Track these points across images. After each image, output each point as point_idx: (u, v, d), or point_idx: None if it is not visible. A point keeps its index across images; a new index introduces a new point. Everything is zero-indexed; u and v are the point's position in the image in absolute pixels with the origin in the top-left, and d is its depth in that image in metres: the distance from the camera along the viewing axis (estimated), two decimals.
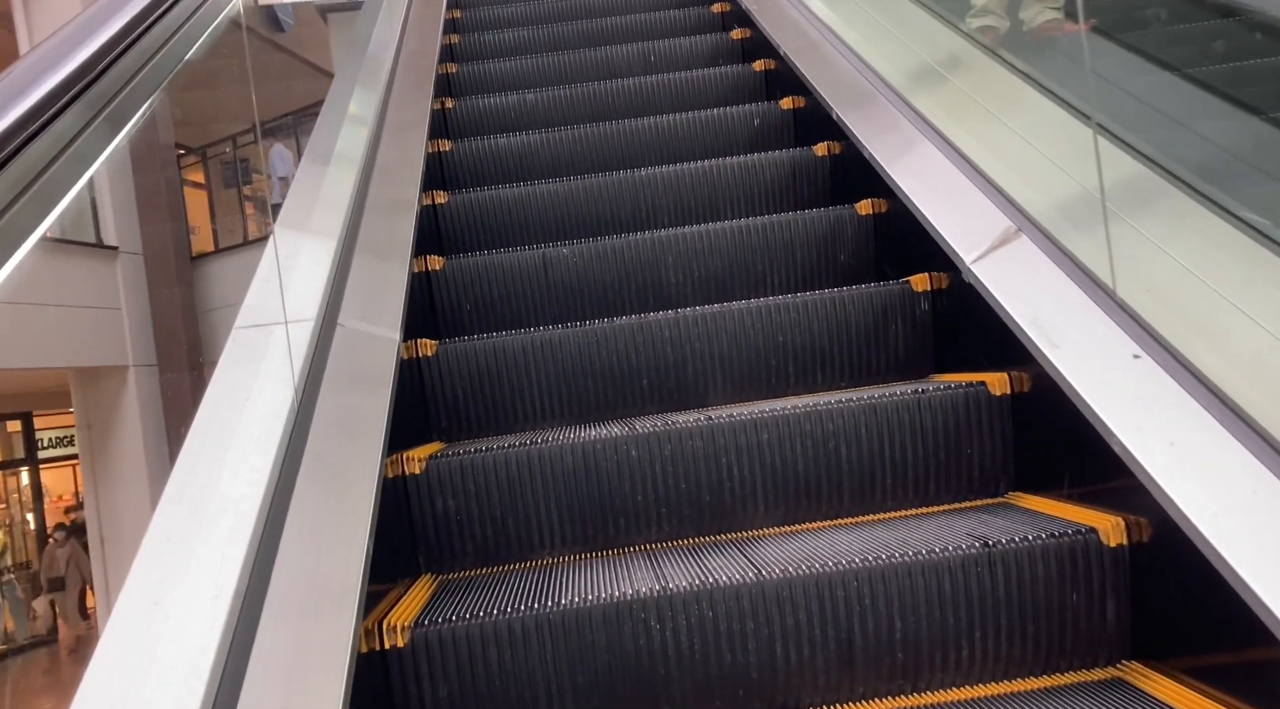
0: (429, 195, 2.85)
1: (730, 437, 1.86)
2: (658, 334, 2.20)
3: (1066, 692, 1.44)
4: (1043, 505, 1.71)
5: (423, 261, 2.46)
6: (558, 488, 1.85)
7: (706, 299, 2.49)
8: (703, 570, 1.58)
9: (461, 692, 1.48)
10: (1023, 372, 1.79)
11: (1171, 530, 1.32)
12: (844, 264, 2.54)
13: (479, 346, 2.16)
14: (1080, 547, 1.49)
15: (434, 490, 1.82)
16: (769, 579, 1.49)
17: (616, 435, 1.86)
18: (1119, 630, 1.50)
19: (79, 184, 1.24)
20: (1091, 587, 1.49)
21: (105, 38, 1.34)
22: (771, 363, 2.21)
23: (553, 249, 2.52)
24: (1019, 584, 1.49)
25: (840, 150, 2.85)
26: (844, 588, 1.49)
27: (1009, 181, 2.05)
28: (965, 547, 1.49)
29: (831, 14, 3.37)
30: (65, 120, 1.21)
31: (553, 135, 3.27)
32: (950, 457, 1.84)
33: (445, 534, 1.83)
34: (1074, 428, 1.56)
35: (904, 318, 2.19)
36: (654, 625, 1.49)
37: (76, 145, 1.25)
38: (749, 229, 2.55)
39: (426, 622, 1.48)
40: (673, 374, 2.21)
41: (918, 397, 1.84)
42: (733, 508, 1.87)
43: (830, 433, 1.85)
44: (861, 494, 1.86)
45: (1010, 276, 1.85)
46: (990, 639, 1.49)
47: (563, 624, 1.49)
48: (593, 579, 1.63)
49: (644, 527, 1.87)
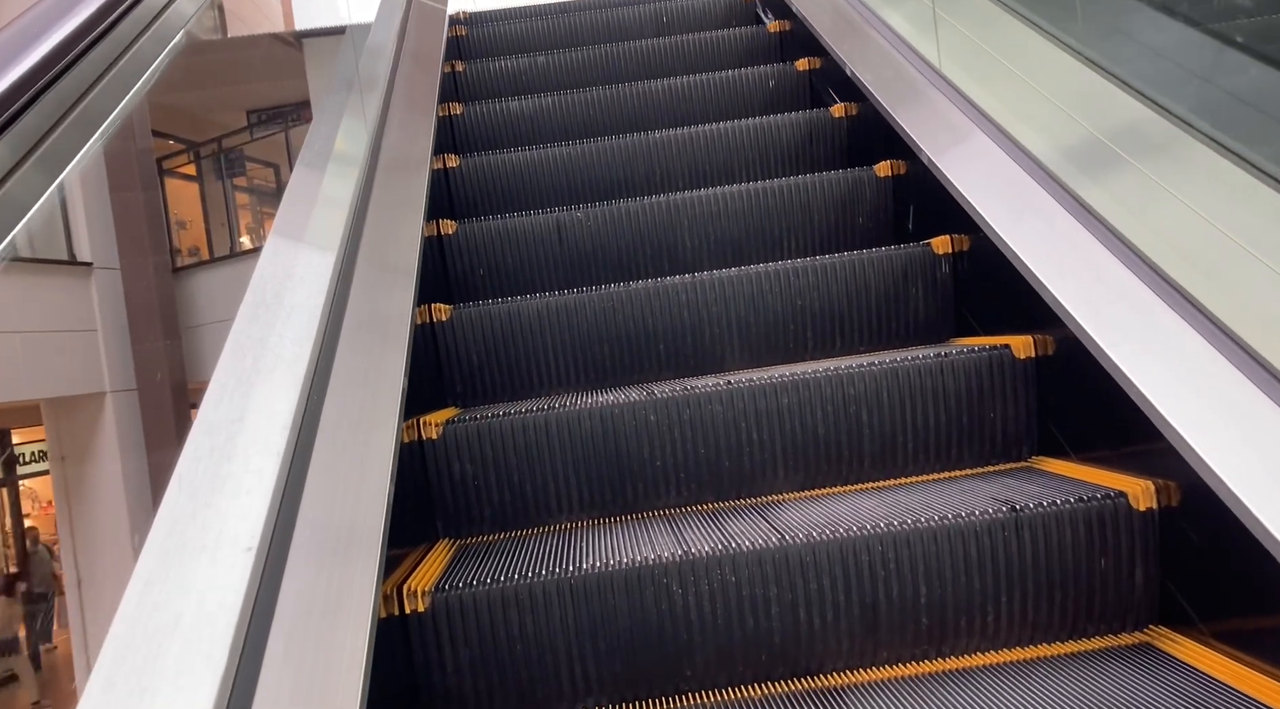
0: (440, 159, 2.81)
1: (750, 401, 1.83)
2: (674, 298, 2.18)
3: (1093, 656, 1.42)
4: (1068, 469, 1.68)
5: (435, 226, 2.43)
6: (575, 453, 1.84)
7: (723, 263, 2.46)
8: (724, 535, 1.56)
9: (483, 656, 1.47)
10: (1047, 334, 1.76)
11: (1203, 494, 1.30)
12: (863, 227, 2.51)
13: (493, 311, 2.14)
14: (1109, 511, 1.46)
15: (451, 455, 1.81)
16: (792, 544, 1.48)
17: (634, 400, 1.84)
18: (1147, 595, 1.48)
19: (45, 194, 1.16)
20: (1120, 551, 1.47)
21: (73, 25, 1.25)
22: (790, 327, 2.19)
23: (566, 213, 2.49)
24: (1046, 549, 1.47)
25: (858, 111, 2.81)
26: (868, 553, 1.47)
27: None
28: (991, 511, 1.47)
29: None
30: (26, 120, 1.13)
31: (565, 98, 3.22)
32: (973, 420, 1.82)
33: (463, 499, 1.82)
34: (1101, 390, 1.53)
35: (925, 281, 2.15)
36: (676, 590, 1.48)
37: (41, 150, 1.18)
38: (765, 191, 2.51)
39: (447, 586, 1.47)
40: (689, 339, 2.18)
41: (940, 360, 1.81)
42: (753, 473, 1.85)
43: (851, 397, 1.83)
44: (883, 459, 1.84)
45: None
46: (1016, 604, 1.48)
47: (584, 589, 1.47)
48: (613, 544, 1.62)
49: (663, 491, 1.85)
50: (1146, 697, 1.26)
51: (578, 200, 2.78)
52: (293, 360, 1.56)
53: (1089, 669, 1.38)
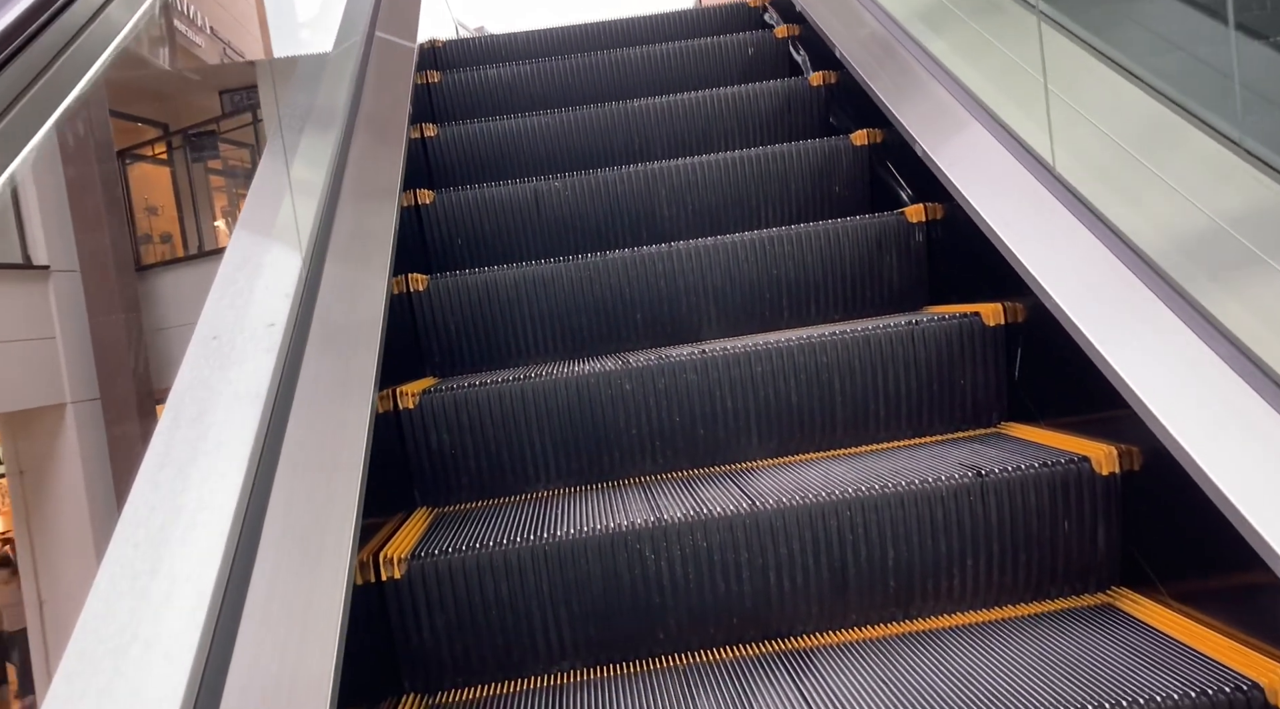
0: (418, 128, 2.80)
1: (724, 370, 1.85)
2: (651, 268, 2.19)
3: (1057, 617, 1.46)
4: (1036, 435, 1.71)
5: (412, 196, 2.43)
6: (552, 422, 1.85)
7: (700, 232, 2.47)
8: (697, 501, 1.58)
9: (459, 622, 1.49)
10: (1018, 302, 1.78)
11: (1164, 458, 1.33)
12: (839, 195, 2.52)
13: (471, 281, 2.14)
14: (1073, 475, 1.49)
15: (428, 425, 1.82)
16: (763, 509, 1.50)
17: (610, 369, 1.85)
18: (1109, 557, 1.51)
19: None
20: (1083, 514, 1.50)
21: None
22: (766, 296, 2.20)
23: (544, 182, 2.49)
24: (1011, 513, 1.50)
25: (836, 80, 2.81)
26: (837, 517, 1.50)
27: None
28: (958, 476, 1.50)
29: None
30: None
31: (543, 65, 3.21)
32: (944, 387, 1.84)
33: (440, 468, 1.84)
34: (1068, 357, 1.56)
35: (899, 249, 2.17)
36: (649, 555, 1.50)
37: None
38: (743, 161, 2.51)
39: (423, 554, 1.49)
40: (667, 308, 2.20)
41: (911, 328, 1.83)
42: (727, 440, 1.87)
43: (824, 365, 1.85)
44: (855, 426, 1.86)
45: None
46: (982, 567, 1.51)
47: (558, 555, 1.50)
48: (588, 511, 1.64)
49: (638, 459, 1.87)
50: (1107, 656, 1.29)
51: (556, 170, 2.77)
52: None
53: (1052, 630, 1.41)
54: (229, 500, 1.22)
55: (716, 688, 1.37)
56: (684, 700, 1.35)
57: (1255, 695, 1.14)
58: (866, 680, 1.31)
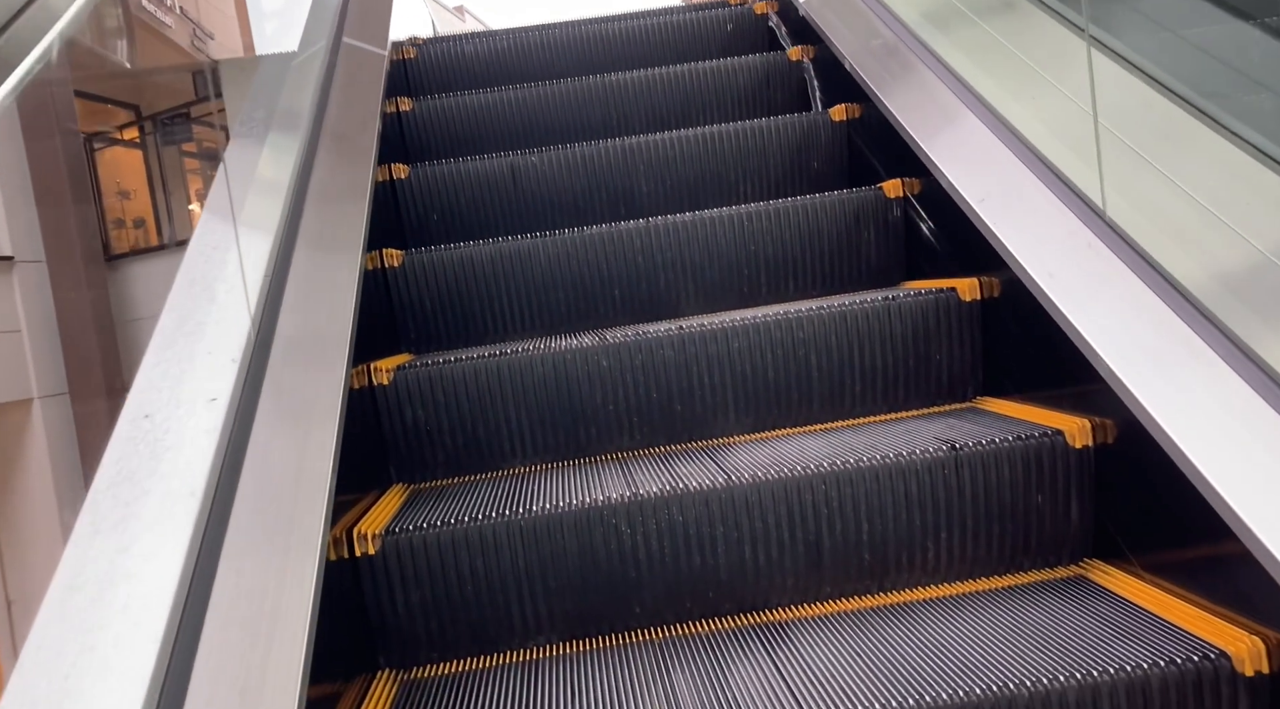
0: (393, 102, 2.77)
1: (701, 345, 1.85)
2: (629, 244, 2.17)
3: (1029, 590, 1.47)
4: (1011, 409, 1.72)
5: (387, 170, 2.41)
6: (528, 398, 1.84)
7: (679, 208, 2.46)
8: (673, 476, 1.58)
9: (433, 597, 1.49)
10: (993, 276, 1.78)
11: (1137, 431, 1.33)
12: (818, 171, 2.51)
13: (446, 257, 2.13)
14: (1046, 448, 1.50)
15: (403, 401, 1.81)
16: (738, 484, 1.50)
17: (587, 345, 1.84)
18: (1082, 530, 1.52)
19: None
20: (1056, 487, 1.51)
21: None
22: (744, 272, 2.20)
23: (521, 157, 2.47)
24: (985, 486, 1.50)
25: (815, 54, 2.79)
26: (812, 492, 1.50)
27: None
28: (932, 450, 1.50)
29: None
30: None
31: (521, 38, 3.17)
32: (920, 363, 1.85)
33: (416, 444, 1.83)
34: (1043, 331, 1.56)
35: (876, 224, 2.16)
36: (624, 530, 1.50)
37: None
38: (722, 136, 2.50)
39: (397, 529, 1.48)
40: (644, 284, 2.19)
41: (888, 304, 1.83)
42: (704, 416, 1.87)
43: (801, 341, 1.85)
44: (831, 401, 1.86)
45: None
46: (956, 540, 1.51)
47: (534, 530, 1.49)
48: (564, 486, 1.63)
49: (615, 435, 1.87)
50: (1078, 627, 1.30)
51: (533, 143, 2.75)
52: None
53: (1024, 601, 1.42)
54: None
55: (692, 661, 1.37)
56: (659, 674, 1.35)
57: (1223, 664, 1.15)
58: (840, 652, 1.32)
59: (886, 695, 1.17)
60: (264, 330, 1.50)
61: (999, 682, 1.16)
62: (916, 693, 1.16)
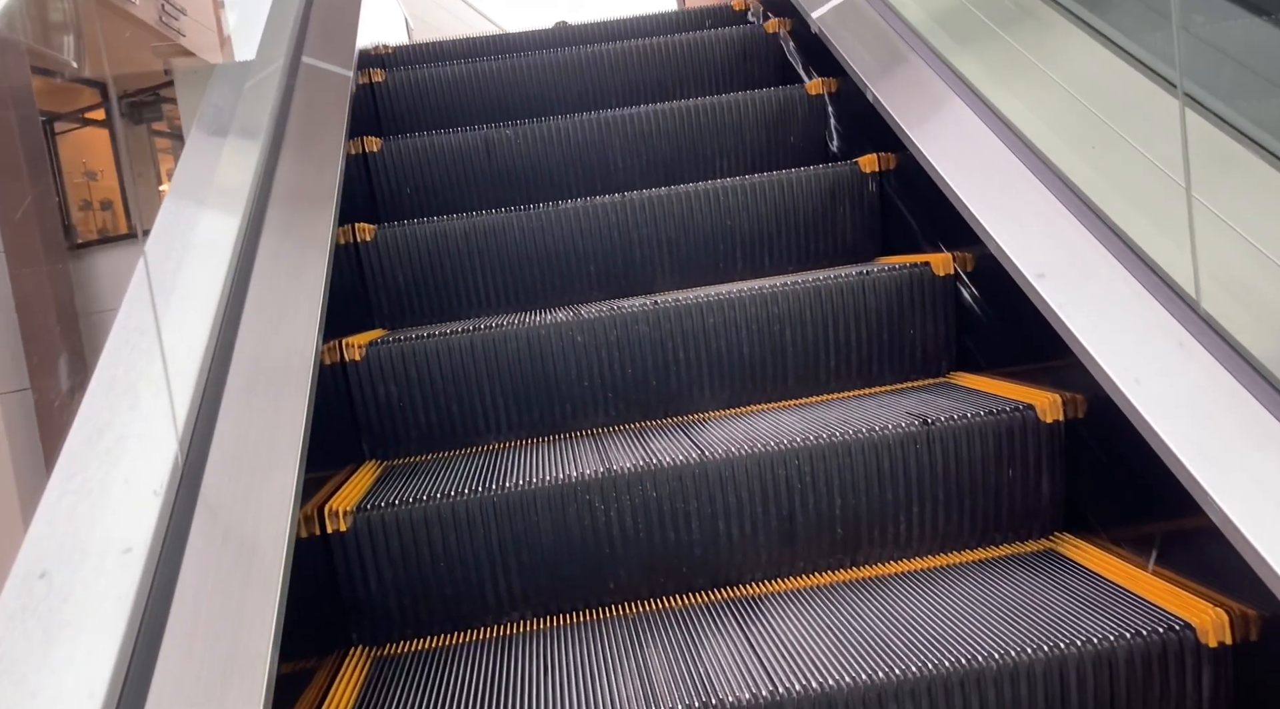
0: (365, 74, 2.73)
1: (676, 321, 1.84)
2: (604, 219, 2.16)
3: (1000, 563, 1.48)
4: (984, 384, 1.72)
5: (359, 143, 2.37)
6: (503, 374, 1.83)
7: (654, 182, 2.44)
8: (647, 452, 1.58)
9: (406, 574, 1.48)
10: (967, 252, 1.78)
11: (1107, 406, 1.34)
12: (794, 146, 2.50)
13: (419, 231, 2.11)
14: (1017, 423, 1.51)
15: (375, 377, 1.79)
16: (711, 459, 1.50)
17: (562, 321, 1.83)
18: (1053, 503, 1.53)
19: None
20: (1027, 462, 1.52)
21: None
22: (720, 247, 2.19)
23: (496, 130, 2.44)
24: (956, 460, 1.51)
25: (792, 26, 2.77)
26: (785, 467, 1.50)
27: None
28: (905, 425, 1.51)
29: None
30: None
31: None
32: (894, 338, 1.85)
33: (389, 421, 1.81)
34: (1016, 306, 1.56)
35: (852, 199, 2.16)
36: (598, 506, 1.50)
37: None
38: (698, 110, 2.48)
39: (369, 506, 1.48)
40: (620, 259, 2.17)
41: (862, 279, 1.83)
42: (679, 392, 1.87)
43: (775, 316, 1.84)
44: (806, 376, 1.86)
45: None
46: (927, 514, 1.52)
47: (507, 506, 1.49)
48: (538, 463, 1.63)
49: (590, 411, 1.86)
50: (1047, 600, 1.32)
51: (508, 117, 2.72)
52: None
53: (994, 575, 1.44)
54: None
55: (665, 636, 1.37)
56: (633, 648, 1.35)
57: (1187, 635, 1.17)
58: (812, 626, 1.32)
59: (856, 668, 1.18)
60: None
61: (968, 654, 1.17)
62: (886, 666, 1.17)
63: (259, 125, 1.99)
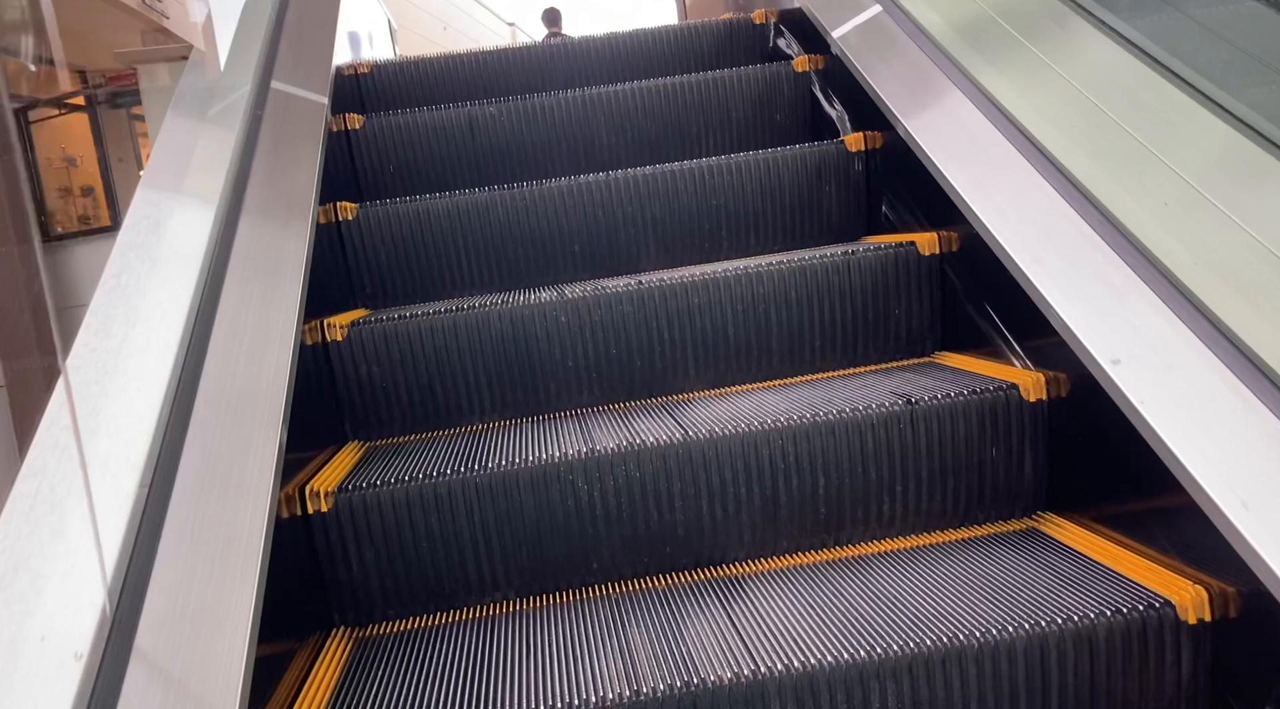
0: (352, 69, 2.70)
1: (661, 301, 1.83)
2: (589, 198, 2.14)
3: (983, 542, 1.48)
4: (968, 364, 1.72)
5: (341, 120, 2.35)
6: (486, 354, 1.82)
7: (640, 161, 2.42)
8: (631, 432, 1.57)
9: (389, 554, 1.47)
10: (952, 231, 1.77)
11: (1090, 385, 1.34)
12: (780, 124, 2.48)
13: (402, 210, 2.09)
14: (1001, 402, 1.51)
15: (357, 357, 1.78)
16: (695, 439, 1.50)
17: (545, 301, 1.82)
18: (1036, 483, 1.54)
19: None
20: (1010, 441, 1.52)
21: None
22: (705, 227, 2.17)
23: (479, 108, 2.42)
24: (940, 440, 1.51)
25: None
26: (769, 447, 1.50)
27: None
28: (888, 404, 1.51)
29: None
30: None
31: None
32: (879, 317, 1.84)
33: (371, 401, 1.80)
34: (1000, 285, 1.56)
35: (838, 178, 2.15)
36: (581, 486, 1.49)
37: None
38: (684, 87, 2.46)
39: (350, 487, 1.47)
40: (604, 239, 2.16)
41: (847, 258, 1.82)
42: (663, 372, 1.86)
43: (760, 296, 1.83)
44: (791, 356, 1.86)
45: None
46: (911, 493, 1.52)
47: (489, 487, 1.48)
48: (521, 443, 1.62)
49: (575, 392, 1.85)
50: (1029, 578, 1.32)
51: (492, 94, 2.70)
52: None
53: (978, 554, 1.44)
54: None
55: (648, 615, 1.37)
56: (616, 628, 1.35)
57: (1167, 612, 1.17)
58: (794, 605, 1.32)
59: (839, 647, 1.18)
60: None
61: (949, 633, 1.18)
62: (869, 644, 1.17)
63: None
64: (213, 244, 1.58)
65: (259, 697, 1.08)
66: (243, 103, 1.96)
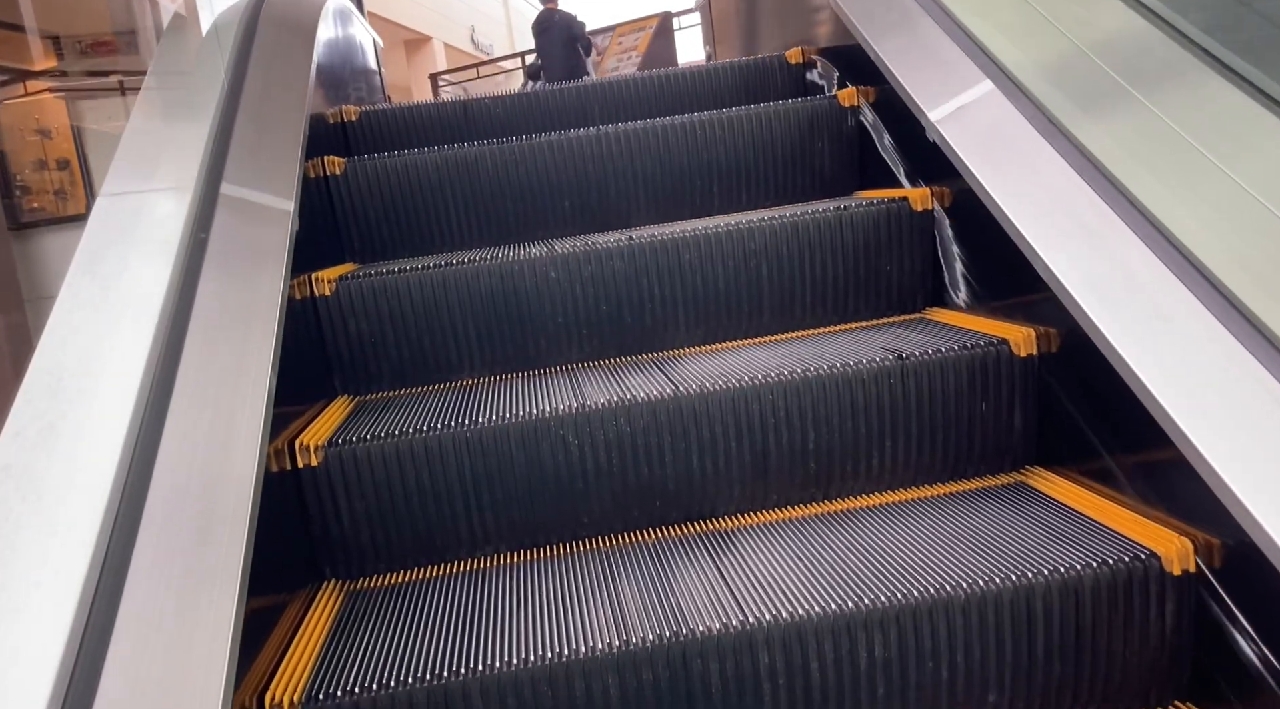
0: None
1: (651, 256, 1.82)
2: (580, 152, 2.12)
3: (971, 496, 1.49)
4: (959, 319, 1.72)
5: None
6: (475, 309, 1.81)
7: (631, 115, 2.40)
8: (621, 388, 1.57)
9: (379, 508, 1.48)
10: (945, 186, 1.76)
11: (1080, 340, 1.34)
12: (778, 84, 2.45)
13: (391, 164, 2.06)
14: (991, 357, 1.51)
15: (346, 312, 1.77)
16: (685, 394, 1.49)
17: (535, 256, 1.81)
18: (1025, 437, 1.54)
19: None
20: (1000, 395, 1.52)
21: None
22: (697, 182, 2.16)
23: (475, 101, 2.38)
24: (930, 394, 1.51)
25: None
26: (759, 402, 1.49)
27: None
28: (879, 359, 1.50)
29: None
30: None
31: None
32: (870, 273, 1.84)
33: (360, 356, 1.79)
34: (993, 241, 1.55)
35: (831, 133, 2.13)
36: (571, 441, 1.49)
37: None
38: (677, 78, 2.43)
39: (340, 441, 1.46)
40: (595, 194, 2.14)
41: (839, 213, 1.81)
42: (654, 328, 1.85)
43: (751, 251, 1.82)
44: (782, 312, 1.85)
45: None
46: (900, 448, 1.53)
47: (480, 441, 1.48)
48: (512, 398, 1.62)
49: (565, 347, 1.85)
50: (1017, 531, 1.33)
51: None
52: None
53: (966, 507, 1.45)
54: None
55: (638, 568, 1.38)
56: (606, 581, 1.36)
57: (1152, 564, 1.18)
58: (783, 558, 1.33)
59: (826, 598, 1.18)
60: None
61: (936, 584, 1.18)
62: (856, 595, 1.18)
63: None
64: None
65: (250, 647, 1.08)
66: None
